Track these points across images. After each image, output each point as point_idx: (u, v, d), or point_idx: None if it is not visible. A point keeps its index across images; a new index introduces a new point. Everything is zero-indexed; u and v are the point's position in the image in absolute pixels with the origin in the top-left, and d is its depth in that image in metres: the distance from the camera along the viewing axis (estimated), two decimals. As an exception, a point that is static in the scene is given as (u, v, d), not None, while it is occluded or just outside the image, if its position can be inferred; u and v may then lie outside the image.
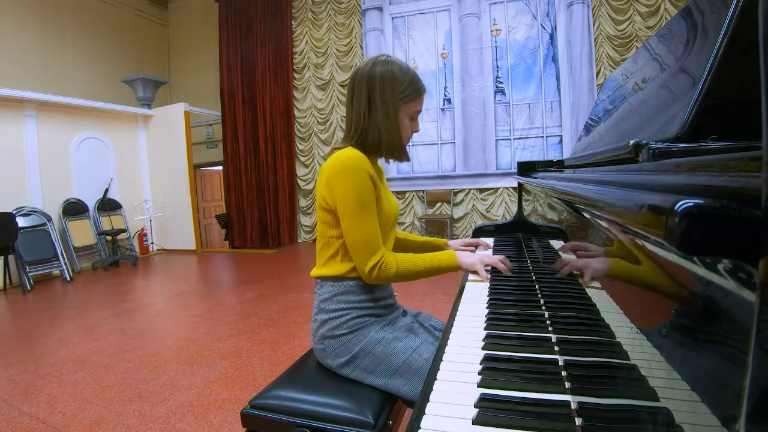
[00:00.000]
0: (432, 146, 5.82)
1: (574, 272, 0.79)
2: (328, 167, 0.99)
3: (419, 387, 0.92)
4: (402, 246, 1.31)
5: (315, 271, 1.08)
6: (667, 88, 0.70)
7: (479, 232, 1.89)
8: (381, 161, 1.17)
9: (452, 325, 0.88)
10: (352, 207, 0.96)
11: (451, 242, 1.39)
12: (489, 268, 1.15)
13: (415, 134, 1.14)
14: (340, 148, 1.02)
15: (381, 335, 1.01)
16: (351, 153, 0.97)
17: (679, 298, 0.33)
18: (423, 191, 5.87)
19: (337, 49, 6.18)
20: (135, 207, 6.28)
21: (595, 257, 0.62)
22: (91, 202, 5.65)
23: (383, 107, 1.00)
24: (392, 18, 5.93)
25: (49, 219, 5.01)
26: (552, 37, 5.25)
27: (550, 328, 0.81)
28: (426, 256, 1.06)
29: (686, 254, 0.29)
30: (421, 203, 5.93)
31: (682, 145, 0.49)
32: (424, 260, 1.04)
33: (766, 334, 0.20)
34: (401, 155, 1.08)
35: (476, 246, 1.44)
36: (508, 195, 5.46)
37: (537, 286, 1.07)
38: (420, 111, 1.08)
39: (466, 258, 1.09)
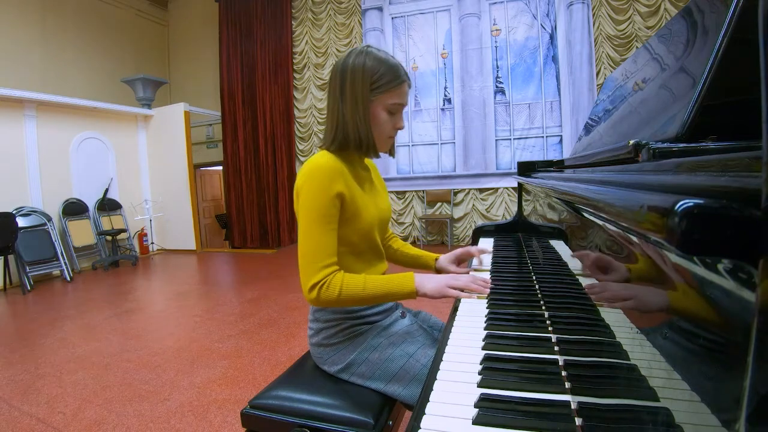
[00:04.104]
0: (432, 146, 5.81)
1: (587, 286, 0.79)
2: (299, 174, 0.94)
3: (417, 392, 0.91)
4: (392, 258, 1.25)
5: None
6: (667, 88, 0.70)
7: (479, 232, 1.89)
8: (379, 159, 1.13)
9: (452, 325, 0.88)
10: (306, 217, 0.90)
11: (441, 257, 1.23)
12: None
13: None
14: (320, 148, 1.01)
15: (377, 341, 1.00)
16: (320, 161, 0.92)
17: (679, 298, 0.33)
18: (423, 191, 5.87)
19: (337, 49, 6.18)
20: (135, 207, 6.28)
21: (612, 278, 0.61)
22: (91, 202, 5.65)
23: (352, 98, 0.94)
24: (392, 18, 5.92)
25: (49, 219, 5.01)
26: (552, 37, 5.25)
27: (550, 328, 0.81)
28: (379, 279, 0.93)
29: (686, 254, 0.29)
30: (421, 203, 5.92)
31: (682, 145, 0.48)
32: (376, 284, 0.92)
33: (765, 335, 0.20)
34: (370, 150, 0.99)
35: (468, 258, 1.26)
36: (508, 195, 5.46)
37: (537, 286, 1.07)
38: (402, 104, 0.98)
39: (428, 283, 0.94)
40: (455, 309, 0.97)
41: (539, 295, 1.00)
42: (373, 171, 1.16)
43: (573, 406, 0.56)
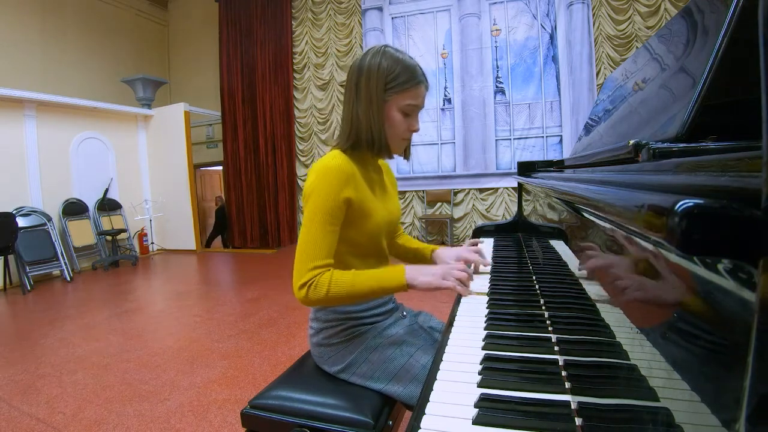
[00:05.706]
0: (432, 146, 5.81)
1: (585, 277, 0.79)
2: (310, 173, 0.93)
3: (417, 392, 0.91)
4: (394, 252, 1.24)
5: None
6: (667, 88, 0.70)
7: (479, 232, 1.89)
8: (391, 160, 1.11)
9: (452, 325, 0.87)
10: (310, 212, 0.89)
11: (440, 251, 1.17)
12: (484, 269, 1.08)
13: (415, 134, 1.05)
14: (334, 147, 1.00)
15: (377, 342, 1.00)
16: (332, 162, 0.91)
17: (679, 298, 0.33)
18: (423, 191, 5.87)
19: (337, 49, 6.18)
20: (135, 207, 6.28)
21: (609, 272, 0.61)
22: (91, 202, 5.65)
23: (367, 98, 0.93)
24: (392, 18, 5.92)
25: (49, 219, 5.01)
26: (552, 37, 5.25)
27: (550, 328, 0.81)
28: (368, 274, 0.90)
29: (686, 254, 0.29)
30: (421, 203, 5.93)
31: (682, 145, 0.48)
32: (364, 280, 0.88)
33: (765, 334, 0.20)
34: (383, 151, 0.98)
35: (470, 263, 1.18)
36: (508, 195, 5.46)
37: (537, 286, 1.07)
38: (417, 105, 0.97)
39: (420, 276, 0.89)
40: (455, 309, 0.97)
41: (539, 295, 1.00)
42: (386, 173, 1.14)
43: (573, 406, 0.56)
